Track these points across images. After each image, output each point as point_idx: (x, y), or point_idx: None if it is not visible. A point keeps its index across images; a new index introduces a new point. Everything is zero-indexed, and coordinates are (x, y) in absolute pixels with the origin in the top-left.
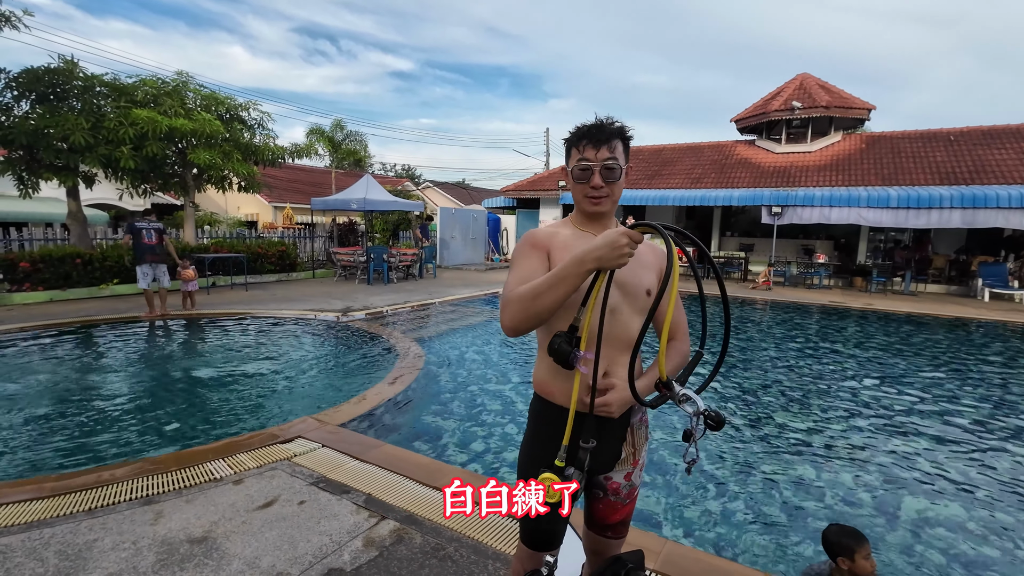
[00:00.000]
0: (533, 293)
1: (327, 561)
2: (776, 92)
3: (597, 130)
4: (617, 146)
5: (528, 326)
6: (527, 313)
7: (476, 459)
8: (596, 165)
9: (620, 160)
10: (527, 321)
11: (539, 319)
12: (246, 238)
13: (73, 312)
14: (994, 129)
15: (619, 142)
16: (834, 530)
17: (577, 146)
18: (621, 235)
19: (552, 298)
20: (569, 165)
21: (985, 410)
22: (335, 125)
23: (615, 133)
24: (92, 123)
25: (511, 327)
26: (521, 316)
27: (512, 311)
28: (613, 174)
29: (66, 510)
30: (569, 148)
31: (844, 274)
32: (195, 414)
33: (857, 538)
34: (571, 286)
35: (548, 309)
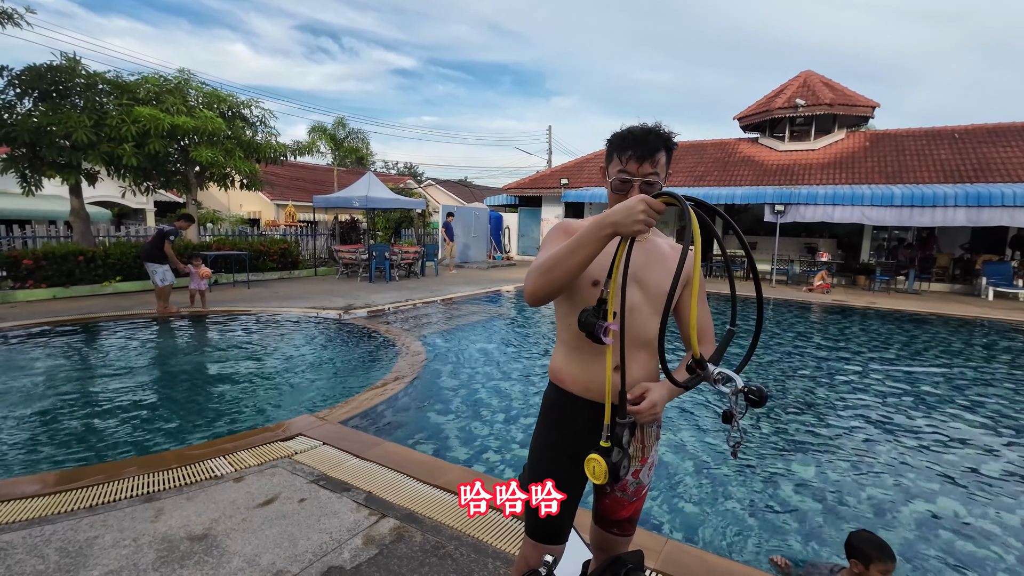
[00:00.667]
0: (554, 260)
1: (327, 559)
2: (780, 89)
3: (642, 143)
4: (660, 159)
5: (547, 292)
6: (547, 278)
7: (477, 457)
8: (636, 180)
9: (661, 174)
10: (547, 287)
11: (558, 286)
12: (248, 236)
13: (76, 309)
14: (999, 127)
15: (663, 153)
16: (862, 536)
17: (620, 155)
18: (639, 201)
19: (571, 263)
20: (609, 170)
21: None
22: (337, 123)
23: (660, 145)
24: (94, 121)
25: (531, 293)
26: (541, 282)
27: (533, 278)
28: (652, 189)
29: (67, 507)
30: (611, 152)
31: (847, 272)
32: (196, 411)
33: (883, 550)
34: (590, 251)
35: (568, 274)
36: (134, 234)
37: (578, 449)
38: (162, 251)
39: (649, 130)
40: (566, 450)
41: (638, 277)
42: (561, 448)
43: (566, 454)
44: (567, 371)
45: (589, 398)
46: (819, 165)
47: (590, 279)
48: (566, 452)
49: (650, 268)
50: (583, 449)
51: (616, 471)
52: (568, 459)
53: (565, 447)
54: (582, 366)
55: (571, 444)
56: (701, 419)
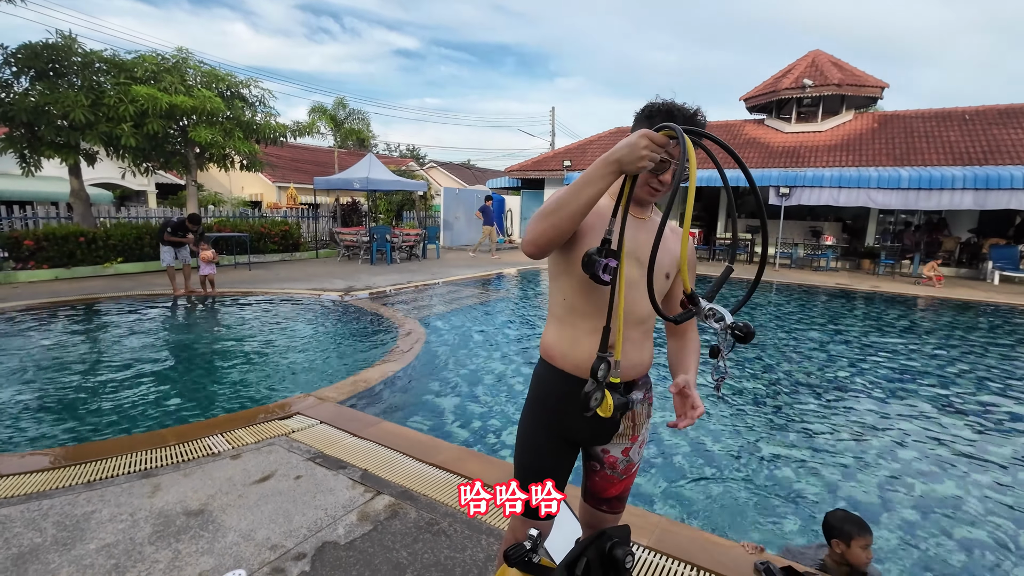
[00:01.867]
0: (557, 202)
1: (321, 534)
2: (787, 69)
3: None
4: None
5: (549, 237)
6: (550, 221)
7: (475, 437)
8: (675, 162)
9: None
10: (551, 230)
11: (562, 229)
12: (249, 217)
13: (78, 290)
14: (1011, 108)
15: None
16: (839, 515)
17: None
18: (642, 136)
19: (577, 203)
20: None
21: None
22: (337, 103)
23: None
24: (92, 100)
25: (531, 241)
26: (544, 226)
27: (533, 225)
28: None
29: (65, 482)
30: (642, 125)
31: (852, 256)
32: (194, 391)
33: (860, 527)
34: (596, 189)
35: (573, 215)
36: (134, 216)
37: (566, 426)
38: (163, 238)
39: (695, 113)
40: (554, 426)
41: (638, 255)
42: (548, 424)
43: (554, 431)
44: (558, 348)
45: (579, 375)
46: (826, 147)
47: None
48: (554, 429)
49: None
50: (571, 426)
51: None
52: (556, 436)
53: (553, 424)
54: (573, 343)
55: (560, 421)
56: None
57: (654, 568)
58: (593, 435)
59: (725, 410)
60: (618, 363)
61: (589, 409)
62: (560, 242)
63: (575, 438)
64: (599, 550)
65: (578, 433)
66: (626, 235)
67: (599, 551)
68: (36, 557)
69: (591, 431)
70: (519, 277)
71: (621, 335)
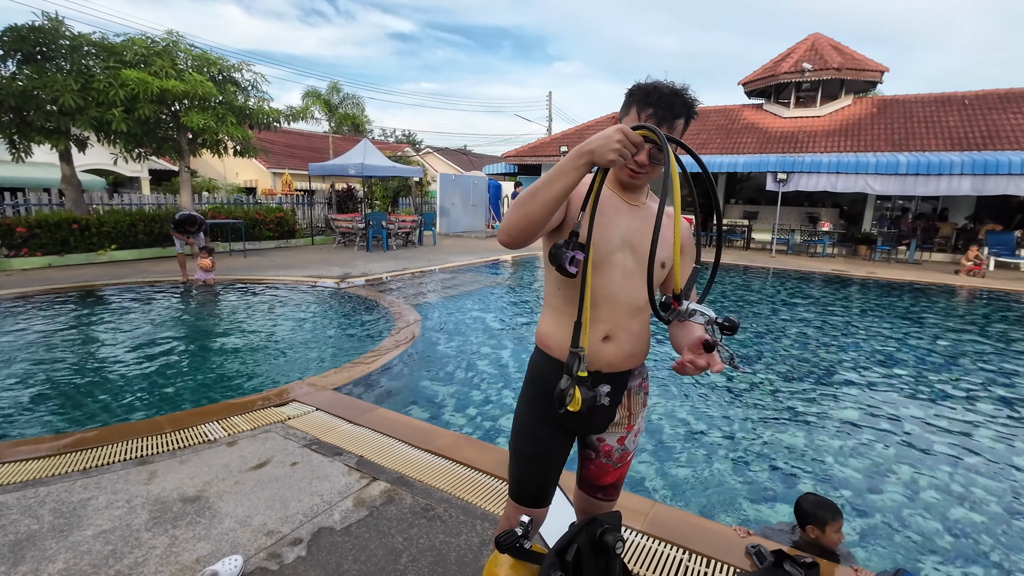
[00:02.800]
0: (530, 193)
1: (317, 520)
2: (786, 53)
3: (667, 106)
4: (679, 126)
5: (522, 228)
6: (523, 211)
7: (472, 423)
8: (649, 143)
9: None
10: (523, 220)
11: (535, 219)
12: (244, 204)
13: (72, 277)
14: (1011, 92)
15: (683, 121)
16: (811, 500)
17: (640, 110)
18: (617, 131)
19: (549, 194)
20: (623, 123)
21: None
22: (331, 88)
23: (683, 112)
24: (81, 84)
25: (505, 231)
26: (517, 216)
27: (508, 215)
28: (662, 156)
29: (62, 469)
30: (630, 103)
31: (848, 243)
32: (191, 378)
33: (832, 511)
34: (568, 181)
35: (545, 207)
36: (127, 202)
37: (562, 414)
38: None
39: (677, 92)
40: (549, 414)
41: (633, 243)
42: (544, 412)
43: (549, 418)
44: (553, 336)
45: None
46: (824, 132)
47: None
48: (549, 416)
49: (645, 235)
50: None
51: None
52: (551, 423)
53: (548, 412)
54: (568, 331)
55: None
56: (690, 386)
57: (647, 552)
58: (588, 424)
59: (719, 395)
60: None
61: (563, 406)
62: (535, 232)
63: (570, 426)
64: (590, 536)
65: (573, 422)
66: (619, 223)
67: (590, 537)
68: (33, 544)
69: (586, 420)
70: (516, 264)
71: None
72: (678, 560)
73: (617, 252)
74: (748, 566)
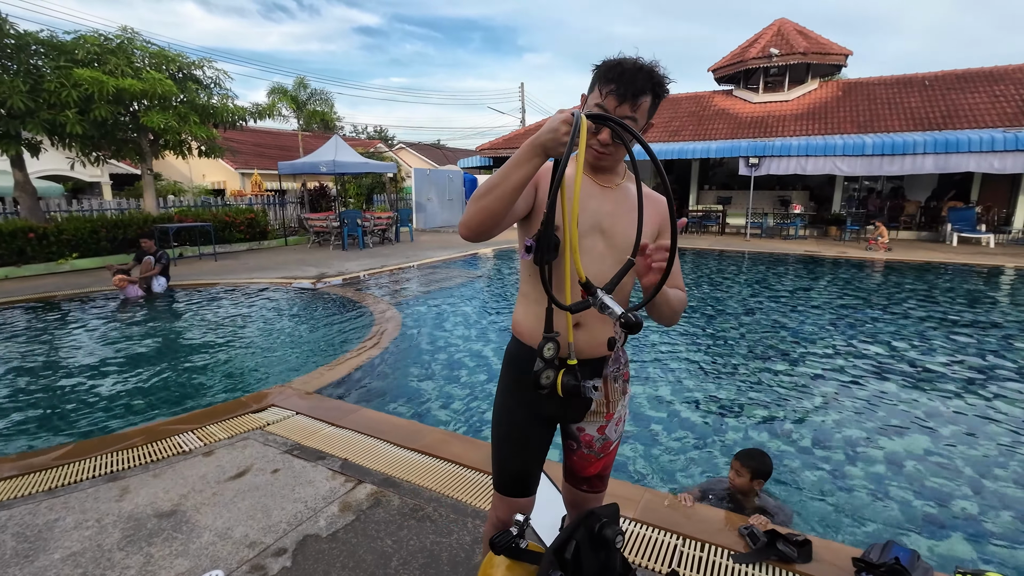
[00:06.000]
0: (487, 186)
1: (302, 528)
2: (754, 39)
3: (629, 82)
4: (644, 103)
5: (480, 220)
6: (480, 205)
7: (458, 419)
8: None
9: (640, 120)
10: (480, 213)
11: (493, 212)
12: (212, 206)
13: (30, 288)
14: (968, 72)
15: (648, 98)
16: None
17: (602, 87)
18: (562, 122)
19: (504, 188)
20: (589, 100)
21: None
22: (298, 84)
23: (647, 89)
24: (30, 85)
25: (464, 223)
26: (474, 209)
27: (467, 209)
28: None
29: (24, 491)
30: (595, 81)
31: (819, 224)
32: (163, 388)
33: (739, 456)
34: (522, 174)
35: (501, 200)
36: (87, 208)
37: (537, 402)
38: None
39: (640, 68)
40: (525, 402)
41: (604, 227)
42: (520, 400)
43: (526, 407)
44: (525, 324)
45: None
46: (793, 116)
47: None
48: (526, 405)
49: (618, 218)
50: (542, 402)
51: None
52: (529, 411)
53: (524, 400)
54: (539, 319)
55: (531, 397)
56: (678, 371)
57: (640, 539)
58: (564, 412)
59: (702, 379)
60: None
61: (541, 387)
62: (495, 225)
63: (546, 414)
64: (588, 530)
65: (549, 409)
66: (589, 207)
67: (588, 531)
68: None
69: (561, 408)
70: (494, 257)
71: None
72: (672, 546)
73: (586, 236)
74: (742, 547)
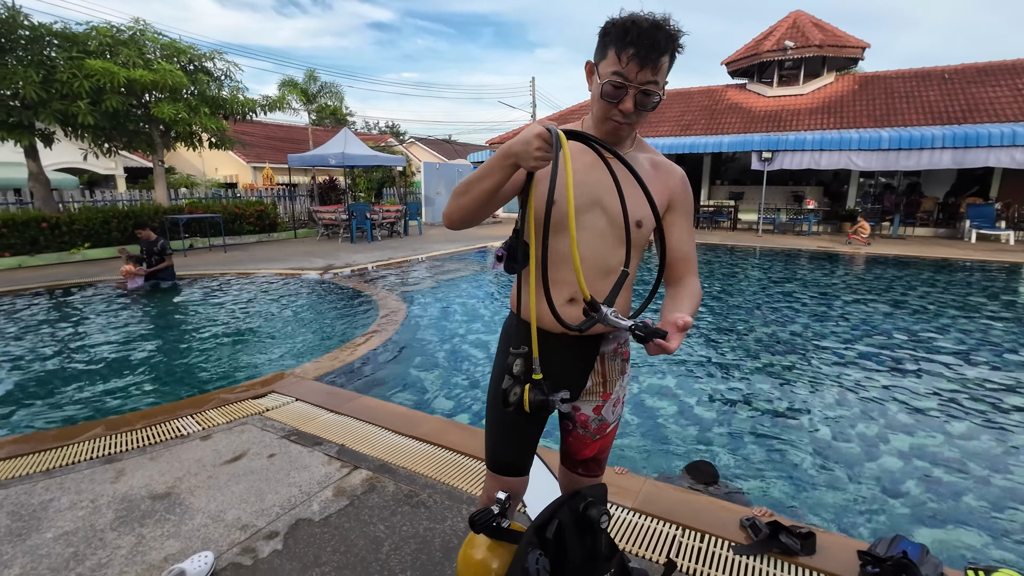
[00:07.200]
0: (466, 185)
1: (295, 512)
2: (768, 32)
3: (649, 42)
4: (664, 64)
5: (460, 216)
6: (458, 203)
7: (458, 407)
8: (633, 87)
9: (661, 83)
10: (459, 211)
11: (470, 210)
12: (222, 198)
13: (43, 277)
14: (989, 66)
15: (667, 58)
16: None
17: (619, 51)
18: (536, 136)
19: (479, 190)
20: (599, 69)
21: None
22: (308, 76)
23: (668, 48)
24: (43, 76)
25: (446, 215)
26: (454, 206)
27: (448, 203)
28: (650, 101)
29: (21, 471)
30: (606, 45)
31: (833, 220)
32: (167, 374)
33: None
34: (496, 179)
35: (477, 201)
36: (99, 200)
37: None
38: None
39: (658, 25)
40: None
41: (604, 202)
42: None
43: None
44: (521, 299)
45: (540, 327)
46: (807, 110)
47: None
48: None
49: (614, 194)
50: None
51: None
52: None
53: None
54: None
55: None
56: (687, 362)
57: (639, 529)
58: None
59: (710, 373)
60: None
61: (508, 404)
62: (476, 219)
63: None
64: (573, 510)
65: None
66: (589, 180)
67: (573, 511)
68: None
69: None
70: None
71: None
72: (672, 536)
73: (585, 212)
74: (743, 539)
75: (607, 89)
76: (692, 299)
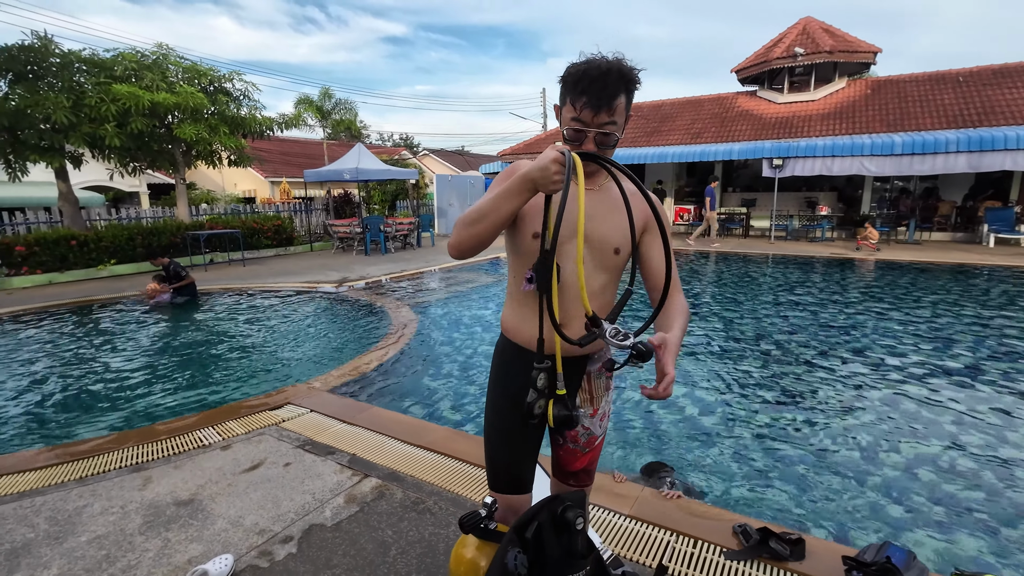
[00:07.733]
0: (479, 213)
1: (309, 517)
2: (778, 38)
3: (599, 89)
4: (619, 104)
5: (471, 245)
6: (471, 231)
7: (467, 418)
8: (591, 131)
9: (619, 121)
10: (471, 239)
11: (483, 238)
12: (241, 213)
13: (72, 293)
14: (1006, 67)
15: (623, 97)
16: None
17: (573, 102)
18: (552, 162)
19: (495, 218)
20: (562, 116)
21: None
22: (323, 94)
23: (619, 90)
24: (73, 101)
25: (455, 246)
26: (465, 235)
27: (457, 231)
28: (609, 140)
29: (58, 479)
30: (564, 93)
31: (847, 226)
32: (189, 386)
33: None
34: (514, 205)
35: (493, 227)
36: (124, 217)
37: (522, 396)
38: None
39: (607, 71)
40: (509, 391)
41: (586, 231)
42: (505, 393)
43: (509, 395)
44: (512, 322)
45: (531, 348)
46: (819, 116)
47: (531, 231)
48: (509, 393)
49: (597, 221)
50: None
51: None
52: (511, 399)
53: (509, 388)
54: (523, 320)
55: (518, 393)
56: (688, 370)
57: (634, 535)
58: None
59: (709, 380)
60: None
61: (533, 417)
62: (483, 247)
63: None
64: (551, 513)
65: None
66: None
67: (551, 514)
68: (28, 551)
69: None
70: None
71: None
72: (665, 542)
73: (568, 241)
74: (734, 545)
75: (569, 134)
76: (682, 316)
